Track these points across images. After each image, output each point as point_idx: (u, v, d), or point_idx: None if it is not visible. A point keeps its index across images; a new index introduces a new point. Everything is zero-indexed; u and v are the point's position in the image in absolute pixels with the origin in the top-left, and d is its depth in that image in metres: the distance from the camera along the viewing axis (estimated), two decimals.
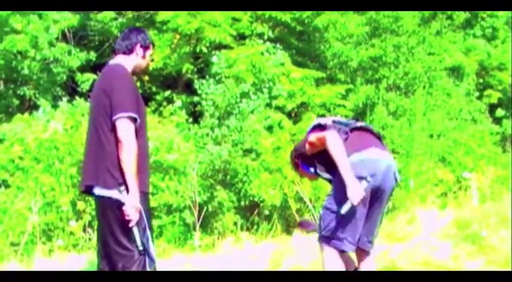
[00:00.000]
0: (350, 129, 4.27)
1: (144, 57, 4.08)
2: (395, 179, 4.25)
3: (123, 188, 3.72)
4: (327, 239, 4.13)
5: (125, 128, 3.74)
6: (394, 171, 4.23)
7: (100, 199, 3.87)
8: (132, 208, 3.70)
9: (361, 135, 4.30)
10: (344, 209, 4.03)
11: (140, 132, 3.86)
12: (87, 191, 3.95)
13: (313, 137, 4.29)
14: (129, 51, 4.03)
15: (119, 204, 3.72)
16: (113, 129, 3.77)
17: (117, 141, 3.75)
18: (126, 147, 3.72)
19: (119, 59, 4.02)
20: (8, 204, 7.82)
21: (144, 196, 3.88)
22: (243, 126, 9.11)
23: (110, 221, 3.81)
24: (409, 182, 9.88)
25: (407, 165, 10.26)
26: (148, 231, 3.83)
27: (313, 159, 4.37)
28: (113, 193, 3.74)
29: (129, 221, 3.71)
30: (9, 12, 10.26)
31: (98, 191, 3.82)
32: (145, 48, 4.08)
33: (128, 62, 4.01)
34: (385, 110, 11.51)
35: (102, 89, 3.89)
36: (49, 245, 7.56)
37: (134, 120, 3.78)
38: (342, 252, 4.13)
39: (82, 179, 4.02)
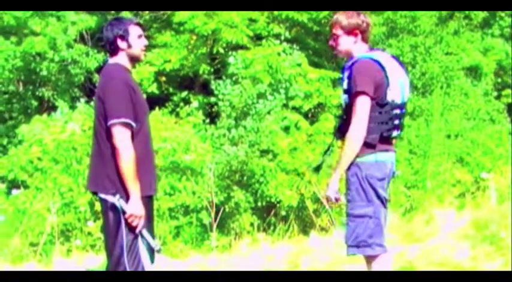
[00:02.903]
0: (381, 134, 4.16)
1: (130, 46, 3.86)
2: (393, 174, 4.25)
3: (118, 196, 3.68)
4: (356, 247, 4.10)
5: (119, 134, 3.65)
6: (394, 170, 4.24)
7: (102, 202, 3.84)
8: (134, 215, 3.67)
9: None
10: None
11: (140, 134, 3.78)
12: (94, 194, 4.00)
13: (357, 102, 3.91)
14: (115, 49, 3.87)
15: (115, 209, 3.70)
16: (109, 135, 3.70)
17: (113, 147, 3.69)
18: (122, 154, 3.65)
19: (113, 59, 3.91)
20: (27, 204, 7.89)
21: (148, 200, 3.84)
22: (259, 127, 9.10)
23: (108, 223, 3.80)
24: (426, 183, 9.82)
25: (424, 166, 10.20)
26: (140, 238, 3.75)
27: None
28: (113, 199, 3.72)
29: (118, 226, 3.70)
30: (27, 14, 10.35)
31: (101, 195, 3.82)
32: (124, 37, 3.83)
33: (120, 59, 3.88)
34: None
35: (97, 93, 3.81)
36: (67, 245, 7.63)
37: (129, 125, 3.69)
38: (373, 257, 4.09)
39: (87, 183, 4.01)
